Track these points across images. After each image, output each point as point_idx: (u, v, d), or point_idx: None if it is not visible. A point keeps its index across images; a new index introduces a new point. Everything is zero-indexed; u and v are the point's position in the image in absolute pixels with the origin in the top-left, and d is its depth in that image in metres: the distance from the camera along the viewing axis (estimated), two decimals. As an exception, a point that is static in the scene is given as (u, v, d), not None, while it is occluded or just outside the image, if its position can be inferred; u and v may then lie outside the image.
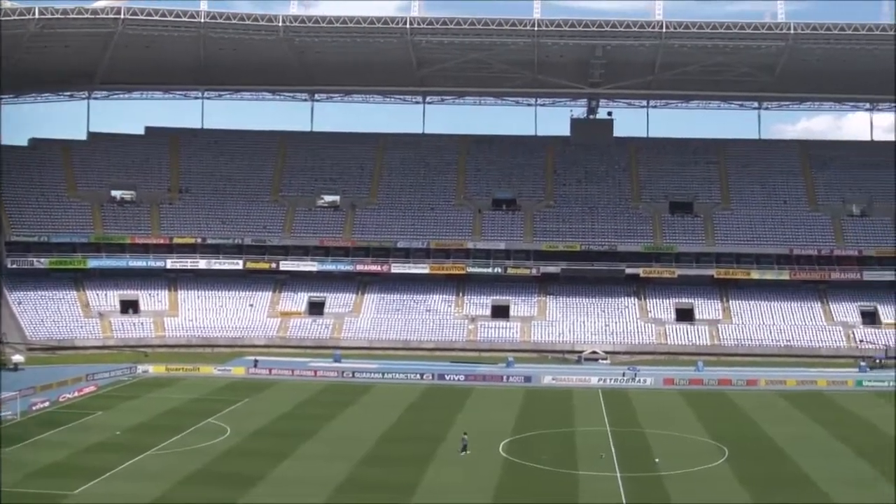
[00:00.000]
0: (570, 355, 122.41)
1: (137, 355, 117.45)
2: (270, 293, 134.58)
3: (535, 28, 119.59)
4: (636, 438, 75.63)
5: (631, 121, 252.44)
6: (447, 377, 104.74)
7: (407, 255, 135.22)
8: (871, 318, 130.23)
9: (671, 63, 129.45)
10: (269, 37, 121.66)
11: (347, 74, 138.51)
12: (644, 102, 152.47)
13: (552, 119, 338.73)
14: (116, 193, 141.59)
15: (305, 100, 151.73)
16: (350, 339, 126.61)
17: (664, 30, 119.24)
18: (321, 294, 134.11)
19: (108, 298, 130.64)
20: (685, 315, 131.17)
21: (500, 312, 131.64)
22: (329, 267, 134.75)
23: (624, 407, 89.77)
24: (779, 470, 66.03)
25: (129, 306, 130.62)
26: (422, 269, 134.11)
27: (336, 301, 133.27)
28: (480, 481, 61.85)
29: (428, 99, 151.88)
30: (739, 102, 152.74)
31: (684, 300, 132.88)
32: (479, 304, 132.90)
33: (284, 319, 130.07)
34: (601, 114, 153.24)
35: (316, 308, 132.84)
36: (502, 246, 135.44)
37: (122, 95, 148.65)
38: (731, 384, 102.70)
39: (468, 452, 68.95)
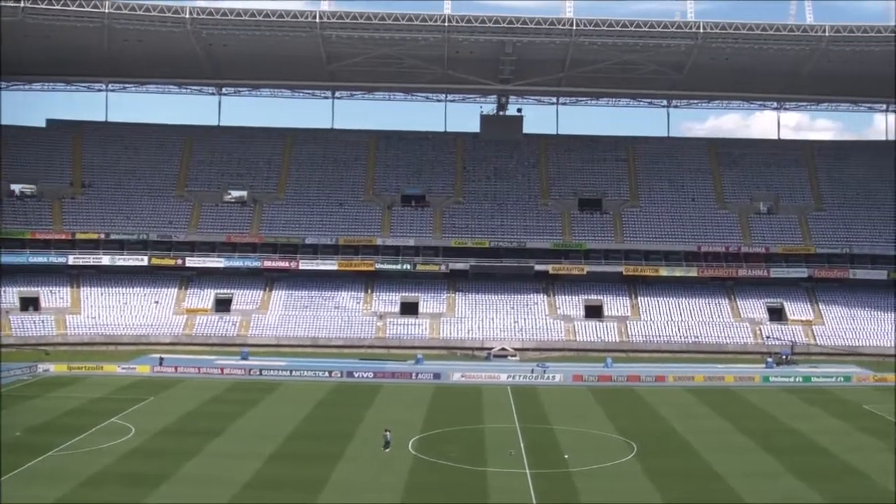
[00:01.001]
0: (479, 352, 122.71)
1: (38, 354, 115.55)
2: (176, 290, 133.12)
3: (446, 24, 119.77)
4: (545, 435, 76.03)
5: (541, 117, 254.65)
6: (356, 374, 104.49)
7: (315, 251, 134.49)
8: (777, 314, 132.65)
9: (581, 60, 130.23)
10: (175, 29, 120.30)
11: (256, 68, 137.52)
12: (554, 99, 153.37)
13: (462, 115, 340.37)
14: (16, 188, 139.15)
15: (212, 93, 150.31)
16: (257, 336, 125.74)
17: (574, 27, 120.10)
18: (228, 291, 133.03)
19: (7, 295, 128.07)
20: (594, 312, 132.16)
21: (409, 309, 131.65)
22: (236, 263, 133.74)
23: (533, 403, 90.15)
24: (687, 465, 66.88)
25: (30, 303, 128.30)
26: (330, 265, 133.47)
27: (243, 298, 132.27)
28: (390, 478, 61.82)
29: (337, 94, 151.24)
30: (649, 100, 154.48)
31: (593, 297, 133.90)
32: (388, 301, 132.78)
33: (190, 316, 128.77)
34: (511, 110, 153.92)
35: (223, 305, 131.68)
36: (411, 242, 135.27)
37: (22, 87, 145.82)
38: (640, 380, 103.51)
39: (390, 449, 69.17)
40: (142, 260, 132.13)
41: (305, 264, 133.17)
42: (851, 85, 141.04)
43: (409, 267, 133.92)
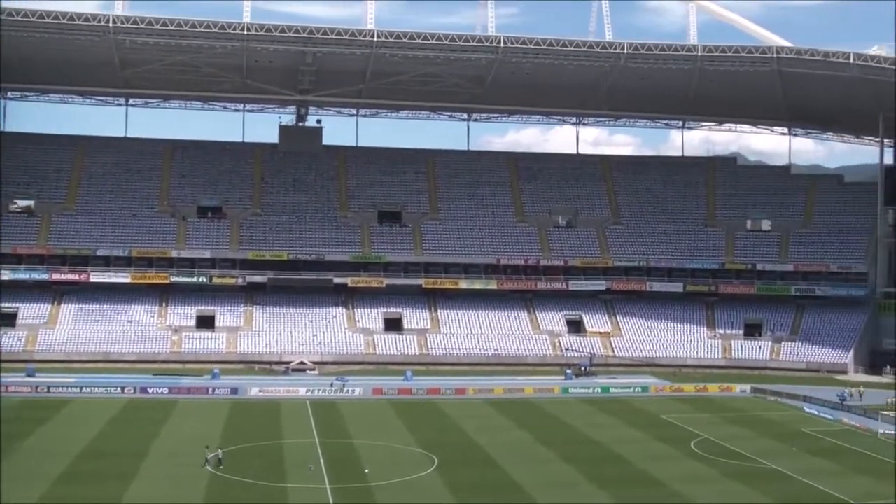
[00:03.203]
0: (277, 366, 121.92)
1: None
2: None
3: (245, 32, 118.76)
4: (345, 449, 76.00)
5: (341, 129, 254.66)
6: (150, 390, 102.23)
7: (107, 263, 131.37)
8: (576, 326, 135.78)
9: (382, 72, 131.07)
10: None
11: (45, 72, 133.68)
12: (354, 111, 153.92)
13: (260, 125, 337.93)
14: None
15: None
16: (45, 351, 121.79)
17: (375, 39, 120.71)
18: (13, 305, 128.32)
19: None
20: (393, 325, 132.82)
21: (206, 323, 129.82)
22: (22, 276, 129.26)
23: (333, 418, 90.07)
24: (487, 476, 67.78)
25: None
26: (123, 278, 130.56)
27: (30, 312, 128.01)
28: (185, 496, 60.83)
29: (131, 101, 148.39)
30: (449, 113, 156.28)
31: (392, 310, 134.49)
32: (184, 315, 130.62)
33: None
34: (310, 121, 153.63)
35: (7, 320, 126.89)
36: (207, 254, 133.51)
37: None
38: (440, 393, 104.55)
39: (218, 466, 68.21)
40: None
41: (97, 277, 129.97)
42: (649, 102, 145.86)
43: (205, 280, 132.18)
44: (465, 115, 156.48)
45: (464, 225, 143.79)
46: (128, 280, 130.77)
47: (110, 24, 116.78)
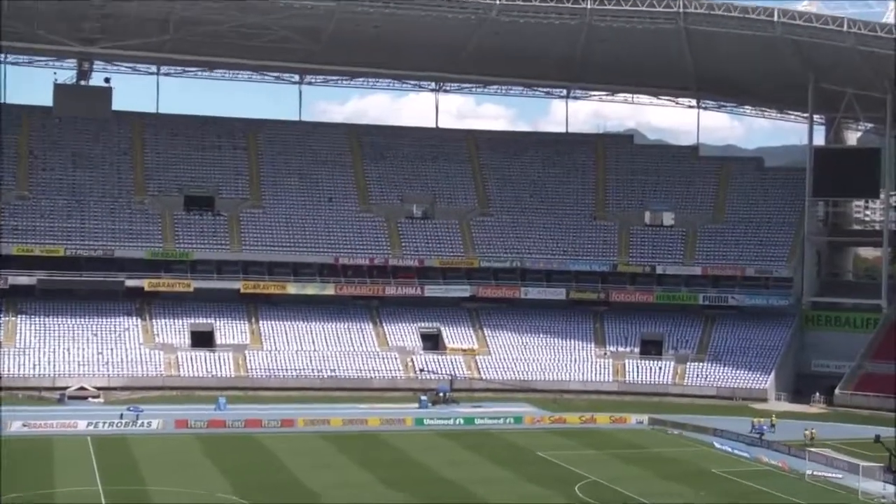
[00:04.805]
0: (49, 393, 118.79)
1: None
2: None
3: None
4: (138, 498, 74.07)
5: (136, 91, 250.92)
6: None
7: None
8: (433, 342, 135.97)
9: (191, 19, 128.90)
10: None
11: None
12: (154, 68, 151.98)
13: (29, 84, 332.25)
14: None
15: None
16: None
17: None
18: None
19: None
20: (203, 339, 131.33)
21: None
22: None
23: (123, 458, 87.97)
24: (320, 528, 66.56)
25: None
26: None
27: None
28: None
29: None
30: (277, 74, 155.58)
31: (202, 320, 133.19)
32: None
33: None
34: (97, 80, 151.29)
35: None
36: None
37: None
38: (262, 426, 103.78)
39: None
40: None
41: None
42: (525, 65, 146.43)
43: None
44: (297, 78, 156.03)
45: (293, 214, 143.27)
46: None
47: None
